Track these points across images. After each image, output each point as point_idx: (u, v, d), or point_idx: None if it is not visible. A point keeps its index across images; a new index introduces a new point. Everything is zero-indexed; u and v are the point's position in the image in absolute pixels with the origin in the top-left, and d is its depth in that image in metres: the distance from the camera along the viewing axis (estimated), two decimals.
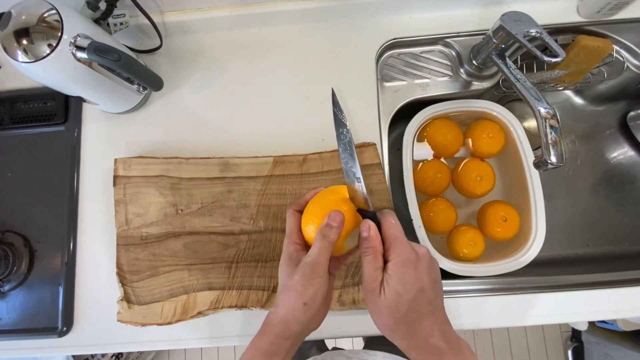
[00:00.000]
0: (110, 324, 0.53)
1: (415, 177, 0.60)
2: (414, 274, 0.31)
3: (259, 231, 0.54)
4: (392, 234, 0.33)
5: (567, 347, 1.36)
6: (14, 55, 0.42)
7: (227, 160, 0.56)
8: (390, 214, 0.34)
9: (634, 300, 0.53)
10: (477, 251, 0.58)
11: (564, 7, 0.61)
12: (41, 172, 0.60)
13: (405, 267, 0.31)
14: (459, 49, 0.60)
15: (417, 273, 0.31)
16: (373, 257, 0.32)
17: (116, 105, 0.58)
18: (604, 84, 0.68)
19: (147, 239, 0.54)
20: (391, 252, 0.32)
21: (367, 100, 0.59)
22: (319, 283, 0.33)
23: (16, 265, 0.56)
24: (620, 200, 0.70)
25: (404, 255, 0.31)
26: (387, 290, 0.31)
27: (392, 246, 0.32)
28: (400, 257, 0.31)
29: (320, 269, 0.33)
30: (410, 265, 0.31)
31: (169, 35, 0.62)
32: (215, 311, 0.52)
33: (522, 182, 0.59)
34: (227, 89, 0.61)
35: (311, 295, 0.33)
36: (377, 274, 0.32)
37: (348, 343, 1.37)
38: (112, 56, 0.44)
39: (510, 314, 0.53)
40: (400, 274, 0.31)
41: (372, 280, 0.32)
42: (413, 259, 0.32)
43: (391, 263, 0.32)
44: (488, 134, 0.61)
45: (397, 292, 0.31)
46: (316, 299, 0.33)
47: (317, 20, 0.62)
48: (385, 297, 0.31)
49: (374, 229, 0.33)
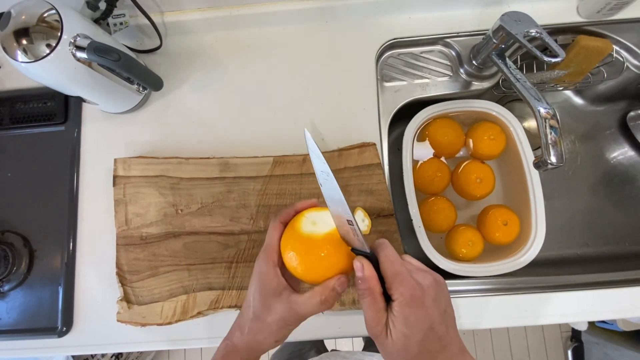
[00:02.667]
0: (110, 324, 0.53)
1: (415, 175, 0.60)
2: (420, 313, 0.29)
3: (259, 231, 0.54)
4: (391, 271, 0.30)
5: (567, 347, 1.36)
6: (13, 55, 0.42)
7: (227, 160, 0.56)
8: (387, 247, 0.31)
9: (634, 300, 0.53)
10: (475, 251, 0.58)
11: (564, 7, 0.61)
12: (41, 172, 0.59)
13: (411, 307, 0.29)
14: (459, 49, 0.60)
15: (425, 310, 0.29)
16: (371, 300, 0.30)
17: (116, 105, 0.58)
18: (604, 84, 0.68)
19: (147, 239, 0.54)
20: (393, 291, 0.29)
21: (367, 100, 0.59)
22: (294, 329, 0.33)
23: (16, 265, 0.56)
24: (620, 200, 0.70)
25: (407, 294, 0.29)
26: (394, 333, 0.29)
27: (394, 285, 0.29)
28: (404, 296, 0.29)
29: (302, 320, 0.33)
30: (416, 303, 0.29)
31: (169, 35, 0.62)
32: (215, 311, 0.52)
33: (522, 182, 0.59)
34: (227, 89, 0.61)
35: (284, 337, 0.33)
36: (379, 316, 0.30)
37: (348, 343, 1.37)
38: (111, 56, 0.44)
39: (510, 314, 0.53)
40: (405, 316, 0.29)
41: (375, 323, 0.30)
42: (418, 296, 0.29)
43: (395, 304, 0.29)
44: (489, 136, 0.60)
45: (405, 334, 0.28)
46: (287, 335, 0.34)
47: (317, 20, 0.62)
48: (393, 340, 0.29)
49: (368, 269, 0.30)
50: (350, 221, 0.30)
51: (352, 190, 0.54)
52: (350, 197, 0.54)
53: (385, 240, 0.32)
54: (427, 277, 0.30)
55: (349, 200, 0.54)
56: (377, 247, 0.32)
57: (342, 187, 0.57)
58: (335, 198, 0.30)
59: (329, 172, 0.30)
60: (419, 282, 0.30)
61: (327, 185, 0.30)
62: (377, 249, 0.31)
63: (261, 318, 0.33)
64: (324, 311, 0.33)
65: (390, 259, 0.30)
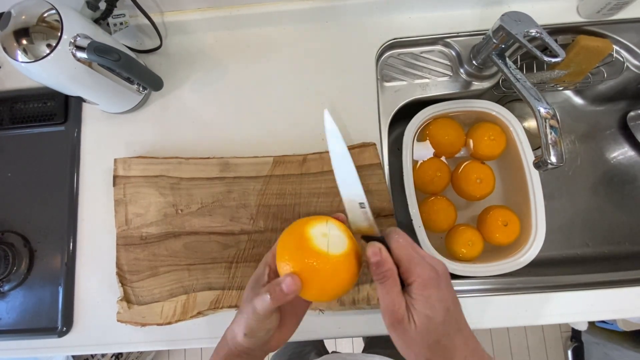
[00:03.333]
0: (110, 324, 0.53)
1: (415, 175, 0.60)
2: (439, 294, 0.29)
3: (259, 231, 0.54)
4: (406, 255, 0.30)
5: (567, 347, 1.36)
6: (13, 55, 0.42)
7: (227, 160, 0.56)
8: (397, 232, 0.32)
9: (634, 300, 0.53)
10: (475, 251, 0.58)
11: (564, 7, 0.61)
12: (41, 172, 0.59)
13: (430, 288, 0.29)
14: (459, 49, 0.60)
15: (441, 292, 0.29)
16: (393, 282, 0.29)
17: (116, 105, 0.58)
18: (604, 84, 0.68)
19: (147, 239, 0.54)
20: (411, 273, 0.29)
21: (367, 100, 0.59)
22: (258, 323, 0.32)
23: (16, 265, 0.56)
24: (620, 200, 0.70)
25: (425, 275, 0.29)
26: (417, 316, 0.28)
27: (410, 267, 0.30)
28: (421, 277, 0.29)
29: (261, 315, 0.31)
30: (434, 284, 0.29)
31: (169, 35, 0.62)
32: (215, 311, 0.52)
33: (522, 183, 0.59)
34: (227, 88, 0.61)
35: (250, 330, 0.32)
36: (400, 300, 0.29)
37: (348, 344, 1.37)
38: (112, 56, 0.44)
39: (510, 314, 0.53)
40: (426, 296, 0.29)
41: (396, 307, 0.29)
42: (435, 277, 0.29)
43: (414, 286, 0.29)
44: (490, 137, 0.60)
45: (427, 316, 0.28)
46: (257, 334, 0.32)
47: (317, 20, 0.62)
48: (416, 323, 0.28)
49: (384, 251, 0.30)
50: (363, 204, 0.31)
51: None
52: None
53: (396, 228, 0.32)
54: (440, 264, 0.31)
55: None
56: (389, 233, 0.32)
57: None
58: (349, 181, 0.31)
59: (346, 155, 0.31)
60: (434, 266, 0.30)
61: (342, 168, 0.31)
62: (389, 235, 0.32)
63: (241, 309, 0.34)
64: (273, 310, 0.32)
65: (401, 244, 0.31)
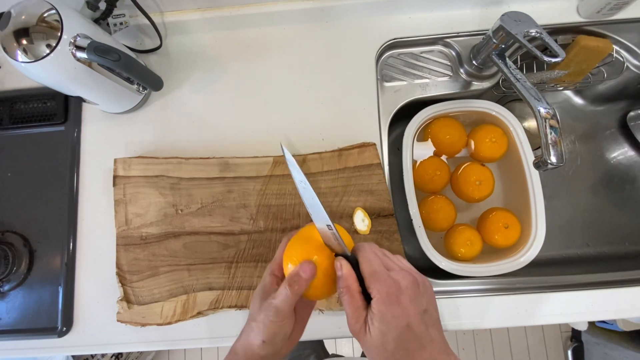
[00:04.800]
0: (110, 324, 0.53)
1: (415, 173, 0.60)
2: (397, 311, 0.30)
3: (259, 231, 0.54)
4: (369, 270, 0.31)
5: (567, 347, 1.36)
6: (13, 55, 0.42)
7: (227, 160, 0.56)
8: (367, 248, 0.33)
9: (634, 300, 0.53)
10: (474, 251, 0.58)
11: (564, 7, 0.61)
12: (41, 172, 0.59)
13: (387, 305, 0.30)
14: (459, 49, 0.60)
15: (401, 308, 0.30)
16: (350, 298, 0.31)
17: (116, 105, 0.58)
18: (604, 84, 0.68)
19: (147, 239, 0.54)
20: (371, 289, 0.31)
21: (367, 100, 0.59)
22: (279, 326, 0.33)
23: (16, 265, 0.56)
24: (620, 200, 0.70)
25: (383, 291, 0.30)
26: (372, 330, 0.30)
27: (371, 283, 0.31)
28: (380, 293, 0.30)
29: (282, 314, 0.32)
30: (392, 301, 0.30)
31: (169, 35, 0.62)
32: (215, 311, 0.52)
33: (522, 182, 0.59)
34: (227, 89, 0.61)
35: (270, 335, 0.33)
36: (358, 314, 0.31)
37: (348, 343, 1.37)
38: (111, 56, 0.44)
39: (510, 314, 0.53)
40: (381, 313, 0.30)
41: (354, 320, 0.31)
42: (394, 293, 0.30)
43: (373, 301, 0.30)
44: (491, 138, 0.60)
45: (381, 331, 0.29)
46: (275, 339, 0.33)
47: (317, 20, 0.62)
48: (371, 337, 0.30)
49: (346, 267, 0.32)
50: (330, 226, 0.32)
51: (352, 190, 0.54)
52: (350, 197, 0.54)
53: (364, 243, 0.34)
54: (407, 276, 0.31)
55: (349, 200, 0.54)
56: (357, 249, 0.33)
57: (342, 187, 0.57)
58: (313, 205, 0.32)
59: (305, 181, 0.32)
60: (397, 281, 0.31)
61: (306, 194, 0.32)
62: (357, 251, 0.33)
63: (253, 317, 0.34)
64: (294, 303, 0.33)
65: (367, 259, 0.32)
